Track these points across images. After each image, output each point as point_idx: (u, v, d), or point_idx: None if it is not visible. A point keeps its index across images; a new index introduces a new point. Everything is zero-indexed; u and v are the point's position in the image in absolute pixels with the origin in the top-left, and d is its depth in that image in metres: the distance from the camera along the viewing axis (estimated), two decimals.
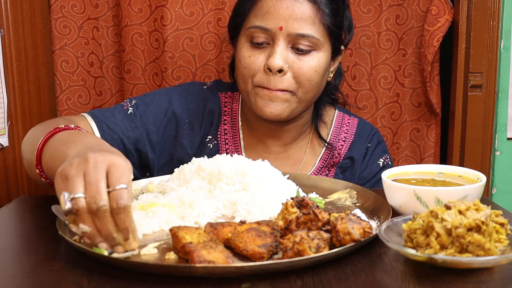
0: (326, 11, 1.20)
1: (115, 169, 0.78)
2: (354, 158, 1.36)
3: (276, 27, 1.18)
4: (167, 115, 1.29)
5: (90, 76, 1.63)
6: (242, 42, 1.24)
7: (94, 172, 0.76)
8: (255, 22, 1.20)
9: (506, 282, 0.71)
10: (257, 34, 1.20)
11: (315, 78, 1.22)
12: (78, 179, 0.76)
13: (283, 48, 1.19)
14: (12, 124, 1.41)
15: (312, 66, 1.20)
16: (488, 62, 1.57)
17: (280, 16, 1.18)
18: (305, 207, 0.87)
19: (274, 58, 1.17)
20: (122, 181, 0.77)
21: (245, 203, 0.95)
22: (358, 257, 0.80)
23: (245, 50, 1.22)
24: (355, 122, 1.41)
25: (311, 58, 1.21)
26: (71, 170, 0.77)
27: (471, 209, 0.74)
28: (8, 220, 1.04)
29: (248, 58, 1.21)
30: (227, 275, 0.73)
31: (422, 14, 1.61)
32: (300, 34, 1.18)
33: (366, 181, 1.36)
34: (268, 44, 1.21)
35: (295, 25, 1.18)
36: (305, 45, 1.19)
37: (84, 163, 0.77)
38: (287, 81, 1.19)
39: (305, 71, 1.20)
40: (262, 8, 1.20)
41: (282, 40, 1.19)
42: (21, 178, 1.46)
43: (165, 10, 1.56)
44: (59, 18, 1.58)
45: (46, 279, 0.74)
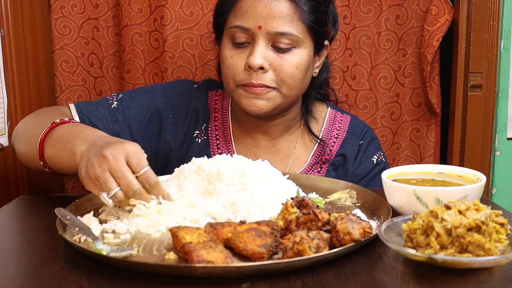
0: (305, 9, 1.21)
1: (132, 157, 0.92)
2: (347, 155, 1.36)
3: (255, 26, 1.19)
4: (149, 111, 1.34)
5: (90, 76, 1.63)
6: (225, 42, 1.26)
7: (117, 166, 0.91)
8: (235, 22, 1.22)
9: (506, 282, 0.71)
10: (237, 34, 1.22)
11: (297, 75, 1.23)
12: (107, 177, 0.91)
13: (263, 46, 1.20)
14: (12, 124, 1.41)
15: (293, 63, 1.22)
16: (488, 62, 1.57)
17: (259, 15, 1.19)
18: (305, 207, 0.87)
19: (254, 57, 1.19)
20: (143, 164, 0.93)
21: (245, 203, 0.95)
22: (358, 257, 0.80)
23: (227, 50, 1.24)
24: (348, 119, 1.41)
25: (292, 55, 1.22)
26: (96, 170, 0.91)
27: (471, 209, 0.74)
28: (8, 220, 1.04)
29: (230, 59, 1.23)
30: (227, 275, 0.73)
31: (422, 14, 1.61)
32: (279, 33, 1.19)
33: (360, 178, 1.37)
34: (249, 43, 1.22)
35: (273, 23, 1.19)
36: (285, 43, 1.21)
37: (105, 161, 0.91)
38: (269, 78, 1.21)
39: (286, 68, 1.21)
40: (241, 8, 1.22)
41: (262, 39, 1.20)
42: (21, 178, 1.46)
43: (165, 10, 1.56)
44: (59, 18, 1.58)
45: (46, 279, 0.74)
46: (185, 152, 1.34)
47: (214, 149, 1.35)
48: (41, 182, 1.54)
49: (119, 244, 0.85)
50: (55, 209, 0.92)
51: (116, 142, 0.95)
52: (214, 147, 1.35)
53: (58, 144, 1.07)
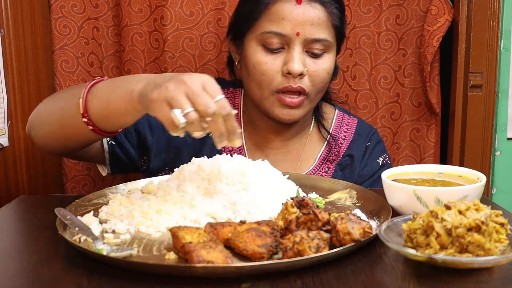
0: (336, 13, 1.24)
1: (208, 85, 0.90)
2: (354, 156, 1.38)
3: (293, 32, 1.20)
4: None
5: (90, 76, 1.63)
6: (253, 46, 1.24)
7: (196, 89, 0.89)
8: (269, 27, 1.22)
9: (506, 282, 0.71)
10: (271, 39, 1.22)
11: (327, 79, 1.27)
12: (183, 98, 0.88)
13: (300, 52, 1.21)
14: (12, 124, 1.41)
15: (326, 68, 1.25)
16: (488, 62, 1.57)
17: (297, 21, 1.20)
18: (305, 207, 0.87)
19: (294, 64, 1.20)
20: (218, 92, 0.90)
21: (245, 203, 0.95)
22: (358, 257, 0.80)
23: (259, 55, 1.23)
24: (355, 121, 1.43)
25: (324, 60, 1.24)
26: (171, 93, 0.88)
27: (471, 209, 0.74)
28: (8, 220, 1.04)
29: (265, 65, 1.23)
30: (227, 275, 0.73)
31: (422, 14, 1.61)
32: (316, 39, 1.21)
33: (366, 179, 1.38)
34: (283, 49, 1.23)
35: (311, 30, 1.20)
36: (318, 49, 1.23)
37: (182, 85, 0.88)
38: (305, 82, 1.23)
39: (320, 73, 1.24)
40: (277, 13, 1.21)
41: (299, 45, 1.21)
42: (21, 178, 1.46)
43: (165, 10, 1.56)
44: (59, 18, 1.58)
45: (46, 279, 0.74)
46: (198, 147, 1.33)
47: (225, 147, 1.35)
48: (41, 182, 1.54)
49: (119, 244, 0.85)
50: (55, 209, 0.92)
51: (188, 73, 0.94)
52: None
53: (105, 93, 1.02)
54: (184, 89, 0.88)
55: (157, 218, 0.92)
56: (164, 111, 0.88)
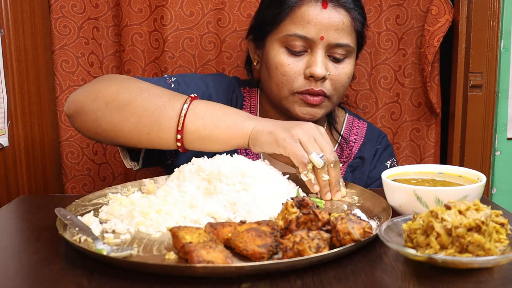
0: (359, 18, 1.26)
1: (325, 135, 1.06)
2: (365, 158, 1.41)
3: (317, 36, 1.21)
4: (204, 98, 1.31)
5: (90, 76, 1.63)
6: (276, 48, 1.26)
7: (321, 138, 1.04)
8: (294, 30, 1.23)
9: (506, 282, 0.71)
10: (295, 42, 1.23)
11: (347, 84, 1.29)
12: (314, 142, 1.03)
13: (322, 56, 1.23)
14: (12, 124, 1.41)
15: (347, 73, 1.27)
16: (488, 62, 1.57)
17: (322, 25, 1.21)
18: (305, 207, 0.87)
19: (317, 67, 1.21)
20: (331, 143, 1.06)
21: (245, 203, 0.95)
22: (358, 257, 0.80)
23: (282, 57, 1.25)
24: (365, 126, 1.46)
25: (346, 65, 1.26)
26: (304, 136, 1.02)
27: (471, 209, 0.74)
28: (8, 220, 1.04)
29: (287, 66, 1.24)
30: (227, 275, 0.73)
31: (422, 14, 1.61)
32: (339, 44, 1.23)
33: (374, 181, 1.41)
34: (305, 51, 1.24)
35: (335, 35, 1.22)
36: (340, 54, 1.25)
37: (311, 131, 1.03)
38: (326, 86, 1.24)
39: (342, 78, 1.26)
40: (302, 16, 1.22)
41: (322, 48, 1.23)
42: (21, 178, 1.46)
43: (165, 10, 1.56)
44: (59, 18, 1.58)
45: (46, 279, 0.74)
46: None
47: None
48: (41, 182, 1.54)
49: (119, 244, 0.85)
50: (55, 209, 0.92)
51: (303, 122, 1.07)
52: None
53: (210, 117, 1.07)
54: (313, 135, 1.03)
55: (157, 218, 0.92)
56: (299, 147, 1.01)
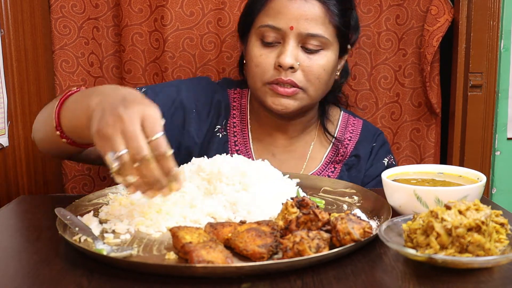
0: (335, 11, 1.24)
1: (148, 121, 0.84)
2: (361, 156, 1.39)
3: (287, 26, 1.21)
4: (174, 104, 1.33)
5: (90, 76, 1.63)
6: (253, 41, 1.27)
7: (131, 127, 0.83)
8: (266, 21, 1.24)
9: (506, 282, 0.71)
10: (267, 33, 1.24)
11: (324, 76, 1.26)
12: (117, 137, 0.83)
13: (293, 46, 1.22)
14: (12, 124, 1.41)
15: (321, 64, 1.24)
16: (488, 62, 1.57)
17: (291, 16, 1.21)
18: (305, 207, 0.87)
19: (286, 56, 1.21)
20: (157, 130, 0.84)
21: (245, 203, 0.95)
22: (358, 257, 0.80)
23: (256, 49, 1.26)
24: (360, 123, 1.45)
25: (320, 57, 1.24)
26: (108, 129, 0.83)
27: (471, 209, 0.74)
28: (8, 220, 1.04)
29: (259, 57, 1.25)
30: (227, 275, 0.73)
31: (422, 14, 1.61)
32: (310, 34, 1.22)
33: (371, 179, 1.39)
34: (279, 43, 1.24)
35: (305, 25, 1.21)
36: (314, 44, 1.23)
37: (119, 122, 0.83)
38: (297, 77, 1.23)
39: (314, 69, 1.24)
40: (273, 7, 1.23)
41: (293, 39, 1.22)
42: (21, 178, 1.46)
43: (165, 10, 1.56)
44: (59, 18, 1.58)
45: (46, 279, 0.74)
46: (207, 146, 1.35)
47: (232, 145, 1.36)
48: (41, 182, 1.54)
49: (119, 244, 0.85)
50: (55, 209, 0.92)
51: (133, 101, 0.87)
52: (232, 144, 1.36)
53: (72, 105, 1.01)
54: (120, 127, 0.83)
55: (157, 218, 0.92)
56: (102, 147, 0.85)
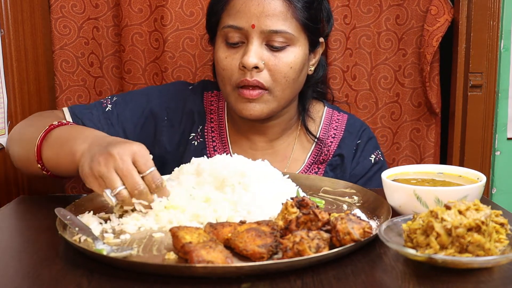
0: (298, 6, 1.20)
1: (139, 157, 0.92)
2: (344, 155, 1.35)
3: (248, 25, 1.18)
4: (144, 114, 1.32)
5: (90, 76, 1.63)
6: (218, 43, 1.24)
7: (124, 165, 0.90)
8: (228, 21, 1.21)
9: (506, 282, 0.71)
10: (231, 33, 1.20)
11: (291, 75, 1.22)
12: (112, 175, 0.89)
13: (257, 45, 1.19)
14: (12, 124, 1.41)
15: (288, 62, 1.20)
16: (488, 62, 1.57)
17: (252, 13, 1.18)
18: (305, 207, 0.87)
19: (248, 57, 1.17)
20: (149, 165, 0.92)
21: (245, 203, 0.95)
22: (358, 257, 0.80)
23: (221, 51, 1.23)
24: (345, 118, 1.40)
25: (286, 54, 1.20)
26: (102, 169, 0.90)
27: (471, 209, 0.74)
28: (8, 220, 1.04)
29: (224, 60, 1.22)
30: (227, 275, 0.73)
31: (422, 14, 1.61)
32: (273, 31, 1.18)
33: (358, 178, 1.36)
34: (243, 43, 1.21)
35: (267, 22, 1.18)
36: (279, 41, 1.19)
37: (111, 160, 0.90)
38: (263, 76, 1.19)
39: (280, 67, 1.20)
40: (234, 7, 1.20)
41: (256, 38, 1.18)
42: (21, 178, 1.46)
43: (165, 10, 1.56)
44: (59, 18, 1.58)
45: (46, 279, 0.74)
46: (181, 155, 1.33)
47: (211, 151, 1.33)
48: (41, 182, 1.54)
49: (119, 244, 0.85)
50: (55, 209, 0.92)
51: (121, 142, 0.94)
52: (210, 149, 1.34)
53: (56, 145, 1.05)
54: (113, 165, 0.90)
55: (157, 218, 0.92)
56: (97, 186, 0.92)
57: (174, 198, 0.97)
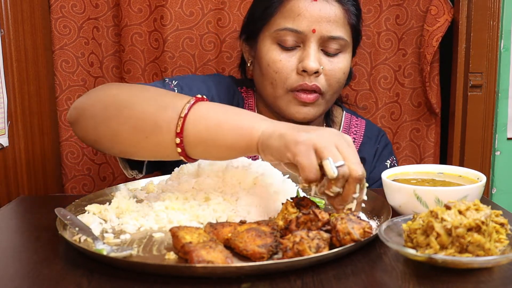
0: (353, 11, 1.22)
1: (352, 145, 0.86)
2: (365, 159, 1.37)
3: (309, 29, 1.18)
4: None
5: (90, 76, 1.63)
6: (268, 45, 1.23)
7: (346, 147, 0.84)
8: (285, 24, 1.20)
9: (506, 282, 0.71)
10: (287, 36, 1.19)
11: (343, 80, 1.25)
12: (334, 149, 0.83)
13: (315, 50, 1.19)
14: (12, 124, 1.41)
15: (342, 68, 1.23)
16: (488, 62, 1.57)
17: (313, 18, 1.18)
18: (305, 207, 0.87)
19: (310, 61, 1.17)
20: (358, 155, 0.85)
21: (245, 203, 0.95)
22: (358, 257, 0.80)
23: (274, 53, 1.21)
24: (363, 123, 1.43)
25: (340, 60, 1.22)
26: (323, 141, 0.82)
27: (471, 209, 0.74)
28: (8, 220, 1.04)
29: (279, 62, 1.20)
30: (227, 275, 0.73)
31: (422, 14, 1.61)
32: (332, 37, 1.19)
33: (374, 181, 1.37)
34: (298, 47, 1.21)
35: (327, 27, 1.18)
36: (334, 48, 1.21)
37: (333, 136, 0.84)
38: (321, 81, 1.21)
39: (336, 73, 1.22)
40: (292, 10, 1.19)
41: (314, 42, 1.19)
42: (21, 178, 1.46)
43: (165, 10, 1.56)
44: (59, 18, 1.58)
45: (46, 279, 0.74)
46: None
47: None
48: (41, 182, 1.54)
49: (119, 244, 0.85)
50: (55, 209, 0.92)
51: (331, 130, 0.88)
52: None
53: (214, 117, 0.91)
54: (335, 141, 0.83)
55: (157, 218, 0.92)
56: (310, 156, 0.82)
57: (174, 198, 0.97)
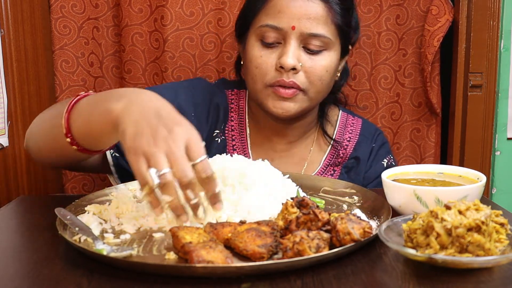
0: (337, 10, 1.21)
1: (192, 143, 0.84)
2: (360, 158, 1.37)
3: (288, 26, 1.18)
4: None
5: (90, 76, 1.63)
6: (252, 41, 1.24)
7: (177, 150, 0.81)
8: (266, 20, 1.20)
9: (506, 282, 0.71)
10: (268, 33, 1.20)
11: (326, 78, 1.23)
12: (161, 155, 0.81)
13: (295, 47, 1.19)
14: (12, 124, 1.41)
15: (324, 65, 1.22)
16: (488, 62, 1.56)
17: (293, 15, 1.18)
18: (305, 207, 0.87)
19: (287, 57, 1.17)
20: (201, 153, 0.84)
21: (245, 203, 0.95)
22: (358, 257, 0.80)
23: (256, 49, 1.22)
24: (359, 122, 1.42)
25: (323, 57, 1.22)
26: (151, 149, 0.81)
27: (471, 209, 0.74)
28: (8, 220, 1.04)
29: (259, 58, 1.21)
30: (227, 275, 0.73)
31: (422, 14, 1.61)
32: (313, 34, 1.19)
33: (370, 181, 1.37)
34: (279, 43, 1.21)
35: (307, 24, 1.18)
36: (316, 45, 1.20)
37: (163, 141, 0.81)
38: (299, 78, 1.20)
39: (317, 70, 1.21)
40: (274, 6, 1.20)
41: (294, 39, 1.19)
42: (21, 178, 1.46)
43: (165, 10, 1.56)
44: (59, 18, 1.58)
45: (46, 279, 0.74)
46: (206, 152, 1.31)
47: (230, 150, 1.33)
48: (41, 182, 1.54)
49: (119, 244, 0.85)
50: (55, 209, 0.92)
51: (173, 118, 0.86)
52: (230, 148, 1.33)
53: (87, 110, 0.96)
54: (165, 148, 0.81)
55: (158, 218, 0.92)
56: (139, 164, 0.81)
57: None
